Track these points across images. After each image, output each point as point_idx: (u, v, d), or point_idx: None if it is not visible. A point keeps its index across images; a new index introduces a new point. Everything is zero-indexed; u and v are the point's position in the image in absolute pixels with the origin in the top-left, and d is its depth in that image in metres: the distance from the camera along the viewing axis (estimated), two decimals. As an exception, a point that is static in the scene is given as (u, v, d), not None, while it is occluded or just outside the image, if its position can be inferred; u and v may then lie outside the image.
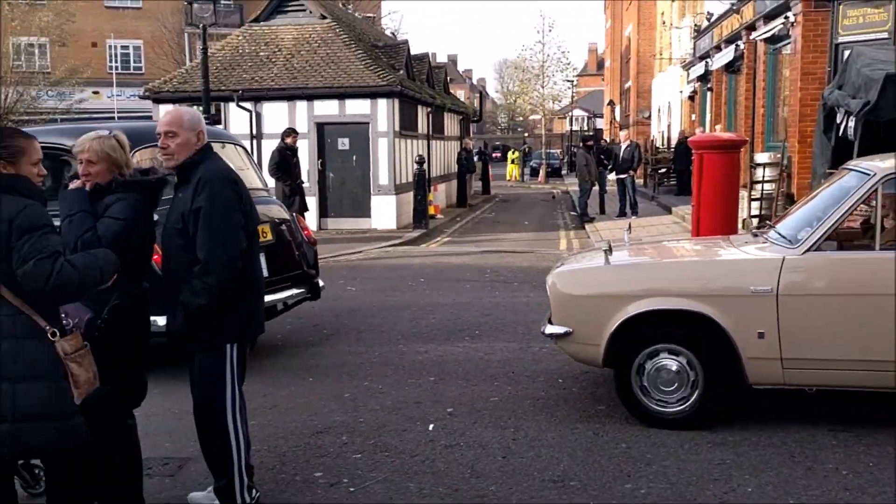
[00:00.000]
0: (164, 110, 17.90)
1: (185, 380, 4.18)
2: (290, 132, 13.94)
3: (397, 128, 19.08)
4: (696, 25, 24.38)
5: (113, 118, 30.66)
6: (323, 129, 18.99)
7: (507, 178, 43.94)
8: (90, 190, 3.89)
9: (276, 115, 19.00)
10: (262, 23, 20.81)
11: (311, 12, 20.70)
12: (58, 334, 3.32)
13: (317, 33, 20.35)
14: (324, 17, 20.61)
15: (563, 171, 47.92)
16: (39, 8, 33.68)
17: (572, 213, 22.58)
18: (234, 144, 8.03)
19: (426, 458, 4.91)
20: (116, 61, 37.69)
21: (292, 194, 13.51)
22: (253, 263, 3.98)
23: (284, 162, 13.43)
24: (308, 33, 20.38)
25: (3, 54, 31.02)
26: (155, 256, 4.41)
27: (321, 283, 7.91)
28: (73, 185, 3.92)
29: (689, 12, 27.34)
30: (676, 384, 5.27)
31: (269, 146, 18.23)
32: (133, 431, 4.09)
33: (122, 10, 38.63)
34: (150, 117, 20.36)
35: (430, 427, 5.44)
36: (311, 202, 18.01)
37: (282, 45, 20.16)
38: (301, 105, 18.98)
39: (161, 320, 4.31)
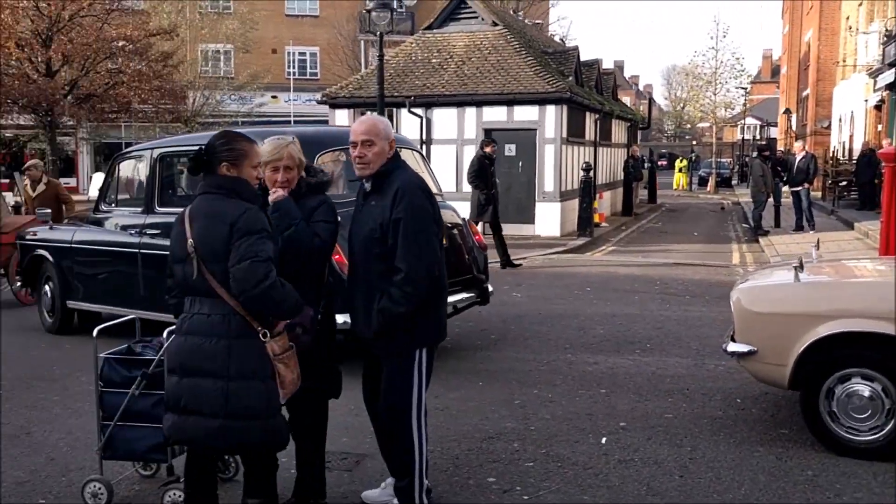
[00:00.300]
0: (340, 116, 18.47)
1: (360, 377, 4.28)
2: (489, 141, 13.99)
3: (564, 134, 18.95)
4: (886, 30, 22.91)
5: (289, 122, 32.09)
6: (490, 135, 19.10)
7: (674, 186, 42.79)
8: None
9: (445, 121, 19.29)
10: (435, 30, 21.19)
11: (482, 19, 20.90)
12: (268, 335, 3.46)
13: (488, 40, 20.52)
14: (495, 24, 20.75)
15: (734, 182, 46.19)
16: (226, 17, 35.75)
17: (744, 224, 21.72)
18: (412, 150, 8.19)
19: (599, 472, 4.83)
20: (294, 67, 39.44)
21: (487, 203, 13.59)
22: (442, 270, 4.03)
23: (483, 171, 13.54)
24: (479, 40, 20.58)
25: (193, 61, 33.12)
26: (336, 257, 4.55)
27: (490, 289, 7.94)
28: (277, 194, 3.96)
29: (878, 16, 25.72)
30: (869, 411, 4.95)
31: (438, 152, 18.58)
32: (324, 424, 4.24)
33: (301, 18, 40.39)
34: (325, 121, 21.16)
35: (603, 440, 5.35)
36: (477, 207, 18.16)
37: (453, 51, 20.46)
38: (470, 111, 19.19)
39: (340, 318, 4.47)
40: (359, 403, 5.52)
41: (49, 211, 10.17)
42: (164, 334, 4.28)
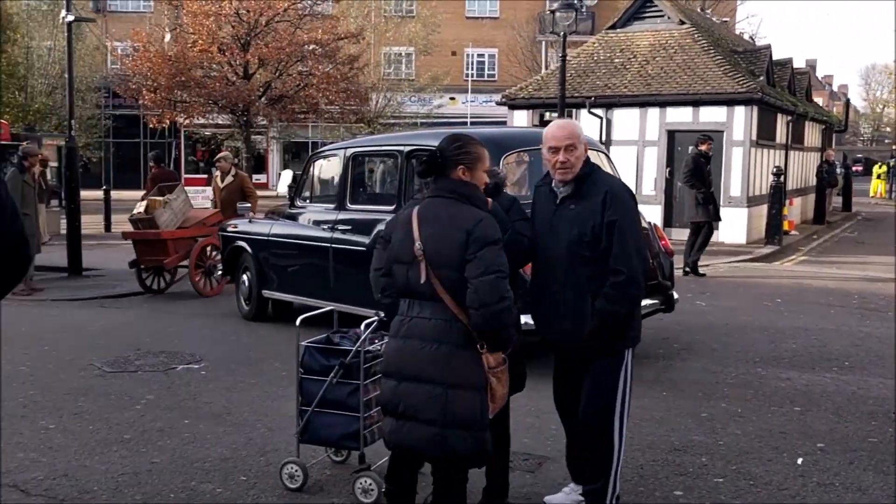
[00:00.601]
0: (519, 117, 18.43)
1: (541, 378, 4.25)
2: (705, 139, 13.59)
3: (754, 137, 18.14)
4: None
5: (466, 123, 32.52)
6: (674, 137, 18.59)
7: (871, 194, 40.05)
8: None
9: (626, 122, 18.92)
10: (618, 29, 20.83)
11: (669, 18, 20.35)
12: (485, 347, 3.41)
13: (674, 39, 19.96)
14: (682, 23, 20.16)
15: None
16: (409, 20, 36.67)
17: (952, 237, 20.03)
18: (598, 151, 8.08)
19: (796, 494, 4.57)
20: (473, 69, 39.94)
21: (705, 202, 13.25)
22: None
23: (698, 169, 13.20)
24: (665, 39, 20.05)
25: (377, 63, 34.20)
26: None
27: (675, 296, 7.70)
28: None
29: None
30: None
31: (618, 153, 18.23)
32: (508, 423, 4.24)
33: (481, 20, 40.82)
34: (503, 122, 21.26)
35: (799, 461, 5.05)
36: (656, 211, 17.72)
37: (637, 51, 20.04)
38: (653, 112, 18.72)
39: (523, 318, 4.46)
40: (539, 405, 5.54)
41: (249, 205, 10.76)
42: (362, 326, 4.43)
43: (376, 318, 4.38)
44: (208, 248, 11.11)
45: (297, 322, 4.58)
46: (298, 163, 40.25)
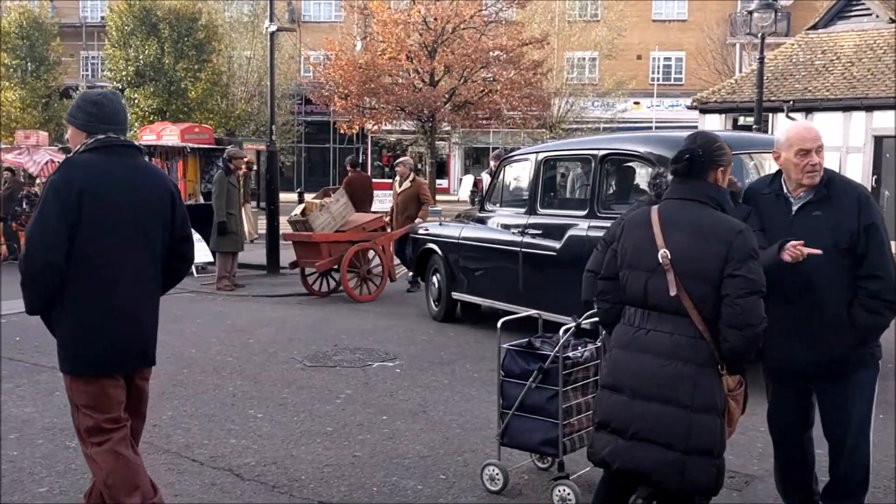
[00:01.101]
0: (711, 121, 17.73)
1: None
2: None
3: (974, 143, 16.68)
4: None
5: (651, 128, 31.75)
6: (881, 143, 17.36)
7: None
8: None
9: (828, 127, 17.80)
10: (819, 30, 19.73)
11: (877, 16, 19.05)
12: (724, 368, 3.18)
13: (882, 38, 18.65)
14: (892, 21, 18.80)
15: None
16: (594, 24, 36.26)
17: None
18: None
19: None
20: (658, 73, 38.94)
21: None
22: None
23: None
24: (872, 39, 18.78)
25: (560, 68, 34.03)
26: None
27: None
28: None
29: None
30: None
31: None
32: None
33: (668, 22, 39.76)
34: (693, 127, 20.61)
35: None
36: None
37: (840, 52, 18.89)
38: (858, 116, 17.58)
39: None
40: (743, 421, 5.26)
41: (440, 209, 10.92)
42: (560, 332, 4.35)
43: (573, 323, 4.29)
44: (368, 253, 11.17)
45: (499, 324, 4.56)
46: (479, 168, 40.71)
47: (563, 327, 4.37)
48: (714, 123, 19.16)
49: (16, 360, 7.55)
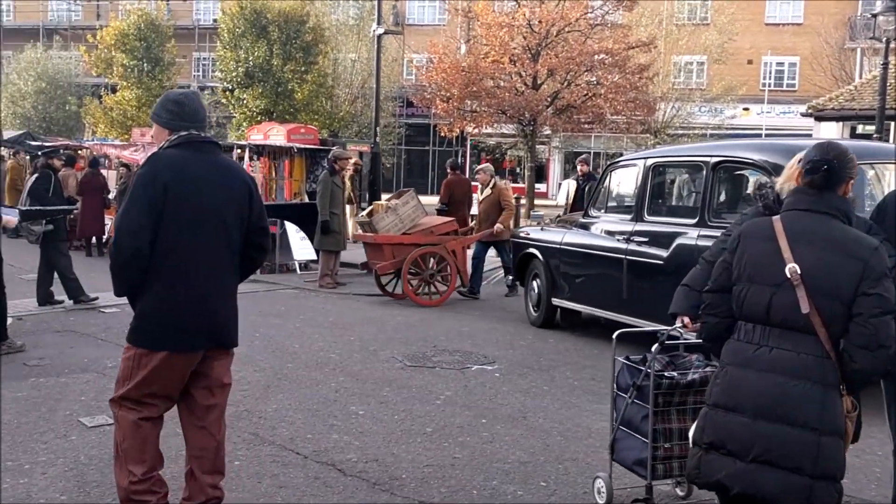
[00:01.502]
0: (826, 129, 17.11)
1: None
2: None
3: None
4: None
5: (761, 135, 30.82)
6: None
7: None
8: None
9: (953, 137, 16.99)
10: (946, 34, 18.73)
11: None
12: (844, 389, 3.05)
13: None
14: None
15: None
16: (704, 28, 35.44)
17: None
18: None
19: None
20: (770, 78, 37.82)
21: None
22: None
23: None
24: None
25: (667, 72, 33.38)
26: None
27: None
28: None
29: None
30: None
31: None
32: None
33: (782, 26, 38.54)
34: (807, 135, 19.88)
35: None
36: None
37: (968, 57, 17.90)
38: None
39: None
40: (858, 444, 5.01)
41: (543, 214, 10.84)
42: (653, 349, 4.14)
43: (664, 338, 4.10)
44: (433, 258, 10.89)
45: (614, 336, 4.44)
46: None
47: (658, 346, 4.21)
48: (830, 131, 18.44)
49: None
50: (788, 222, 3.10)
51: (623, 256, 8.02)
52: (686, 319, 3.90)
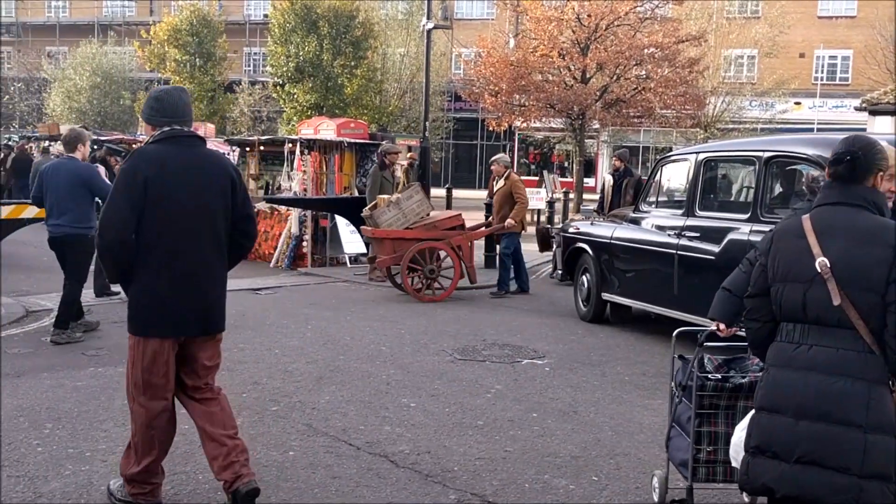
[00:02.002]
0: (882, 123, 16.73)
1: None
2: None
3: None
4: None
5: (813, 129, 30.27)
6: None
7: None
8: None
9: None
10: None
11: None
12: (893, 383, 2.97)
13: None
14: None
15: None
16: (755, 21, 34.90)
17: None
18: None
19: None
20: (822, 71, 37.13)
21: None
22: None
23: None
24: None
25: (717, 66, 32.93)
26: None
27: None
28: None
29: None
30: None
31: None
32: None
33: (835, 19, 37.83)
34: (860, 129, 19.48)
35: None
36: None
37: None
38: None
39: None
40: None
41: (592, 209, 10.79)
42: (697, 349, 4.09)
43: (703, 339, 4.04)
44: (438, 252, 10.73)
45: (674, 334, 4.39)
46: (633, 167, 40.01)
47: (706, 350, 4.17)
48: (886, 126, 18.06)
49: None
50: (817, 218, 3.07)
51: (674, 252, 7.97)
52: (722, 326, 3.86)
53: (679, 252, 7.92)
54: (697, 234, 7.77)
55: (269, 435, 5.28)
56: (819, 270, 2.95)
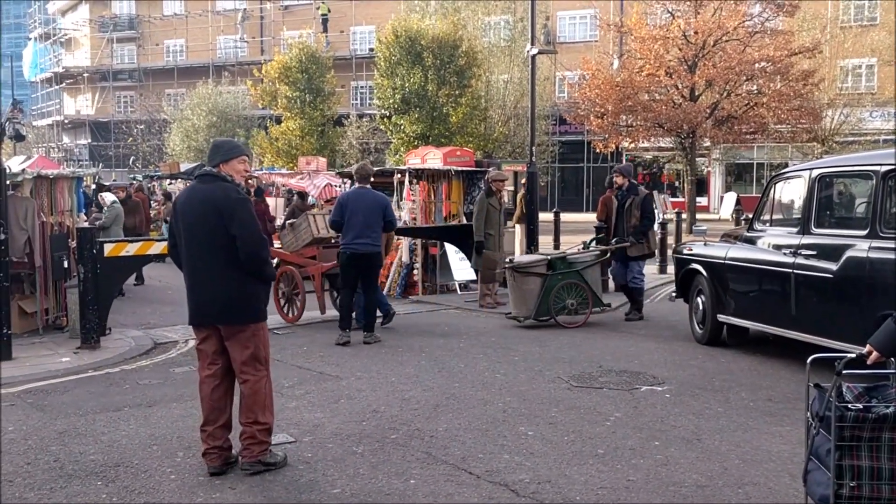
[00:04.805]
0: None
1: None
2: None
3: None
4: None
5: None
6: None
7: None
8: None
9: None
10: None
11: None
12: None
13: None
14: None
15: None
16: (871, 28, 33.56)
17: None
18: None
19: None
20: (949, 78, 35.22)
21: None
22: None
23: None
24: None
25: (833, 77, 31.77)
26: None
27: None
28: None
29: None
30: None
31: None
32: None
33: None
34: None
35: None
36: None
37: None
38: None
39: None
40: None
41: (706, 228, 10.54)
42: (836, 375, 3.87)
43: (841, 367, 3.74)
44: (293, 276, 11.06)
45: (808, 361, 4.15)
46: (741, 185, 38.92)
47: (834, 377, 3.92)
48: None
49: (304, 368, 8.18)
50: None
51: (790, 271, 7.72)
52: (875, 353, 3.66)
53: (795, 271, 7.67)
54: (814, 252, 7.52)
55: (390, 463, 5.32)
56: None
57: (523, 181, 15.36)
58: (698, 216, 27.68)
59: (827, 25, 32.93)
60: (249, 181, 20.52)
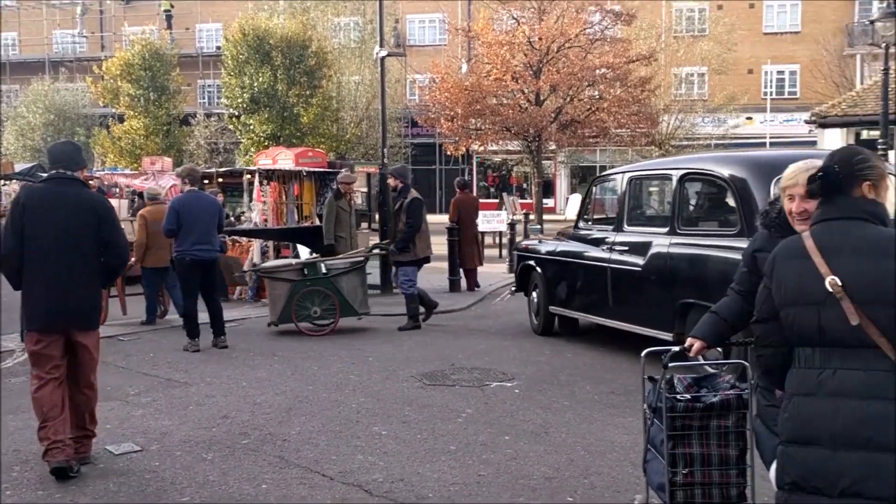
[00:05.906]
0: (831, 136, 17.21)
1: None
2: None
3: None
4: None
5: (765, 144, 30.89)
6: None
7: None
8: None
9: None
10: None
11: None
12: None
13: None
14: None
15: None
16: (702, 39, 35.60)
17: None
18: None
19: None
20: (771, 87, 37.90)
21: None
22: None
23: None
24: None
25: (668, 85, 33.50)
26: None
27: None
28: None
29: None
30: None
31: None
32: None
33: (780, 35, 38.72)
34: (811, 143, 19.96)
35: None
36: None
37: (970, 60, 17.97)
38: None
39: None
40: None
41: (538, 227, 11.02)
42: (677, 380, 4.05)
43: (667, 360, 3.90)
44: None
45: (643, 355, 4.34)
46: (585, 186, 40.40)
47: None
48: (835, 138, 18.53)
49: (150, 375, 7.90)
50: (818, 235, 2.93)
51: (607, 265, 8.43)
52: (697, 344, 3.82)
53: (610, 265, 8.36)
54: (626, 248, 8.22)
55: (241, 469, 5.24)
56: (830, 290, 2.80)
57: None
58: (545, 217, 28.53)
59: (661, 35, 34.69)
60: (91, 181, 19.63)
